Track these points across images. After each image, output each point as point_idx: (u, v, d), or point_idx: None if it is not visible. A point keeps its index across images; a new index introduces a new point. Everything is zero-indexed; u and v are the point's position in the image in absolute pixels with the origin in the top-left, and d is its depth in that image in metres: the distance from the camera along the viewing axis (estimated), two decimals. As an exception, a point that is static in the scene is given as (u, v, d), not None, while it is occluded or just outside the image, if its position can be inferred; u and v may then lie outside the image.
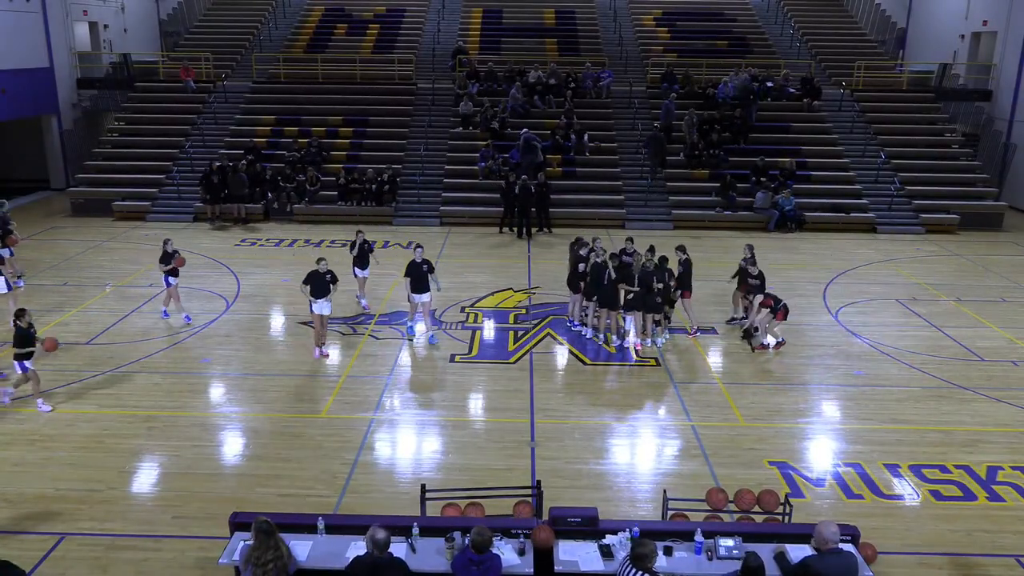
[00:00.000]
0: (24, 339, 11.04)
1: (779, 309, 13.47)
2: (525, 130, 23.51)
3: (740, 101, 25.41)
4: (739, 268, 14.56)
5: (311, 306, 13.05)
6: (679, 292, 14.19)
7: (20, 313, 11.17)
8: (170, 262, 14.17)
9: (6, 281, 14.14)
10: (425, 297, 13.70)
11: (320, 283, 12.85)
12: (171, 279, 14.33)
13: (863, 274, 18.49)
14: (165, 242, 14.52)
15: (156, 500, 9.16)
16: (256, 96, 27.40)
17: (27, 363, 11.12)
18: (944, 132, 26.48)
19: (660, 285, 13.36)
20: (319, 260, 12.98)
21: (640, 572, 6.03)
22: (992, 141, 26.78)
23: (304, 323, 14.69)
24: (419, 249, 13.68)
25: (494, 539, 6.89)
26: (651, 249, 14.01)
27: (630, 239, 15.11)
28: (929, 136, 26.23)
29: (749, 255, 14.32)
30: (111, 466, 9.77)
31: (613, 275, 13.43)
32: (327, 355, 13.22)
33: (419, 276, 13.48)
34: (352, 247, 15.23)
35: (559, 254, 18.75)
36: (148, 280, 17.02)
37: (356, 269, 15.27)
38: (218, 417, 11.19)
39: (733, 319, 14.98)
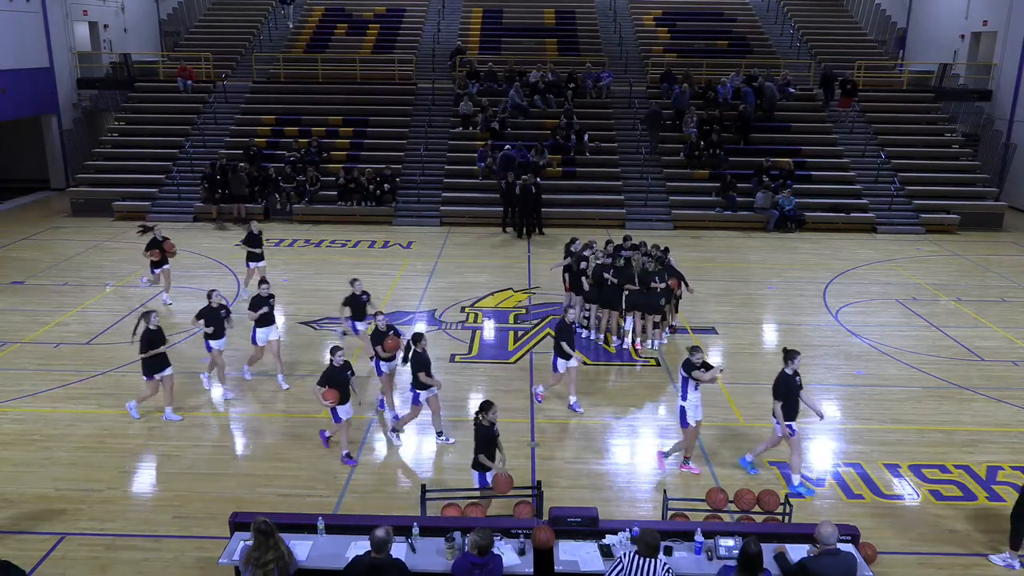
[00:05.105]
0: None
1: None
2: (508, 146, 23.30)
3: (764, 105, 25.55)
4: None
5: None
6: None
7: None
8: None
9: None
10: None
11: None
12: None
13: (863, 274, 18.48)
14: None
15: (156, 500, 9.17)
16: (256, 96, 27.40)
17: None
18: (944, 132, 26.47)
19: (662, 285, 13.33)
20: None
21: (645, 559, 6.08)
22: (992, 141, 26.77)
23: (306, 323, 14.71)
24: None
25: (494, 539, 6.89)
26: (644, 245, 13.90)
27: (627, 238, 15.05)
28: (929, 136, 26.23)
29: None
30: (111, 466, 9.78)
31: (613, 278, 13.39)
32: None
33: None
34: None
35: (559, 254, 18.73)
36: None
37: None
38: (218, 417, 11.20)
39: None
